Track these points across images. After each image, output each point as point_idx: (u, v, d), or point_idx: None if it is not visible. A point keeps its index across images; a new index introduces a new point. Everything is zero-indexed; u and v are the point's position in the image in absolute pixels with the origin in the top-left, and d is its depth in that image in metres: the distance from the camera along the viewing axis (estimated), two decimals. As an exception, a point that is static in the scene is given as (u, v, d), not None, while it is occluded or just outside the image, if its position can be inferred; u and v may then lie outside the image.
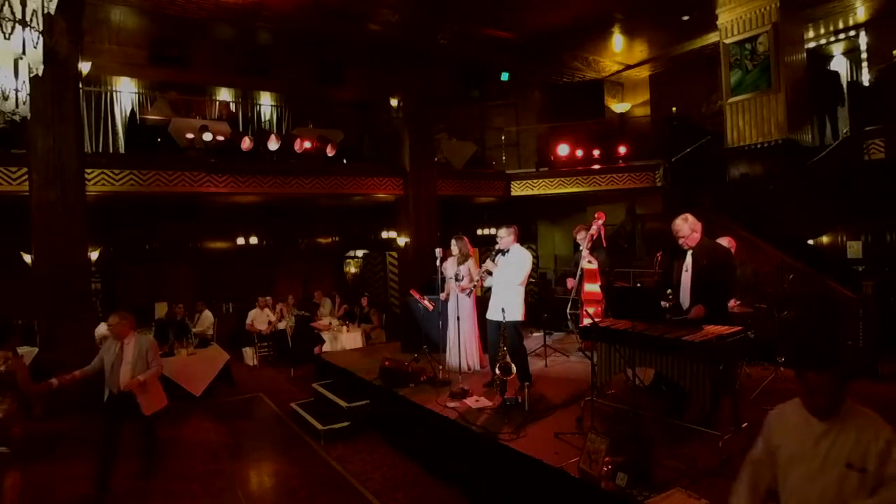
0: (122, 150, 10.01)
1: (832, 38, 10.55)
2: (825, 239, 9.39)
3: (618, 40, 11.29)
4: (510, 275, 5.17)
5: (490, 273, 5.34)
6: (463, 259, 6.11)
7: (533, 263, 14.30)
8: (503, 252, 5.25)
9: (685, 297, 4.22)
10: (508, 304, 5.03)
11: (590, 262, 6.35)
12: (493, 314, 5.17)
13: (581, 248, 6.56)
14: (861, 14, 9.78)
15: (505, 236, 5.24)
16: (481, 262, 5.71)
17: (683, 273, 4.26)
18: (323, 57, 11.01)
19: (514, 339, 5.11)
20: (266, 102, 12.41)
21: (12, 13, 3.02)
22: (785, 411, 2.33)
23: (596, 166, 11.70)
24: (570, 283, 6.61)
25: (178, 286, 10.80)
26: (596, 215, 6.61)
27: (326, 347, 9.02)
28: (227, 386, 7.96)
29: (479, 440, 4.23)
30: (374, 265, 13.31)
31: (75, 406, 6.55)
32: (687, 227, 4.17)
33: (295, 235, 12.15)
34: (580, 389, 4.95)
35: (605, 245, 6.64)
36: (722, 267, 4.10)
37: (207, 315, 9.50)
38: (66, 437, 6.05)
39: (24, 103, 3.41)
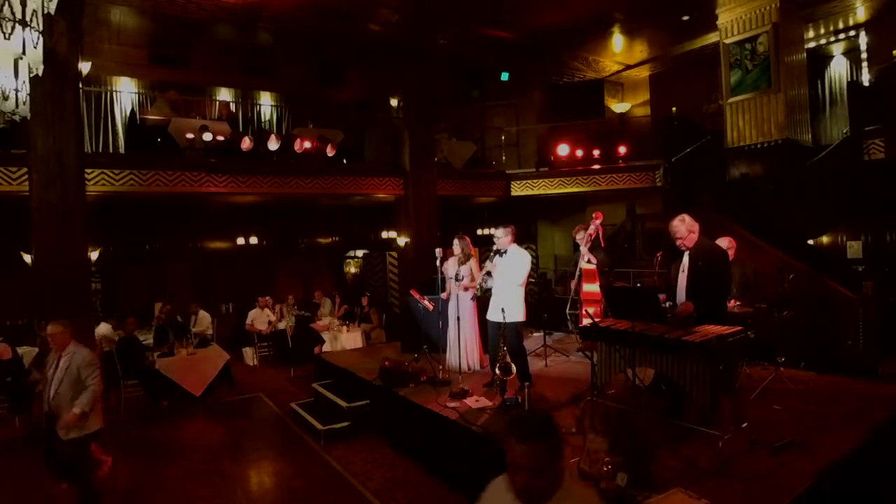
0: (122, 150, 10.01)
1: (832, 38, 10.56)
2: (825, 239, 9.40)
3: (618, 40, 11.29)
4: (510, 275, 5.16)
5: (489, 275, 5.33)
6: (465, 259, 6.11)
7: (533, 263, 14.33)
8: (500, 253, 5.23)
9: (681, 297, 4.22)
10: (508, 305, 5.02)
11: (589, 261, 6.35)
12: (493, 315, 5.17)
13: (581, 247, 6.56)
14: (861, 14, 9.78)
15: (502, 237, 5.22)
16: (481, 262, 5.71)
17: (680, 273, 4.26)
18: (323, 57, 11.01)
19: (514, 339, 5.10)
20: (266, 102, 12.41)
21: (12, 13, 3.01)
22: (500, 486, 1.74)
23: (596, 166, 11.70)
24: (573, 283, 6.61)
25: (178, 286, 10.80)
26: (594, 215, 6.61)
27: (326, 347, 9.02)
28: (227, 386, 7.96)
29: (479, 440, 4.23)
30: (374, 265, 13.30)
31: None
32: (684, 228, 4.17)
33: (295, 235, 12.14)
34: (580, 389, 4.95)
35: (603, 245, 6.63)
36: (716, 268, 4.10)
37: (204, 315, 9.46)
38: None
39: (24, 103, 3.41)
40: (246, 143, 9.57)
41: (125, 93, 10.61)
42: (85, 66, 8.22)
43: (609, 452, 3.24)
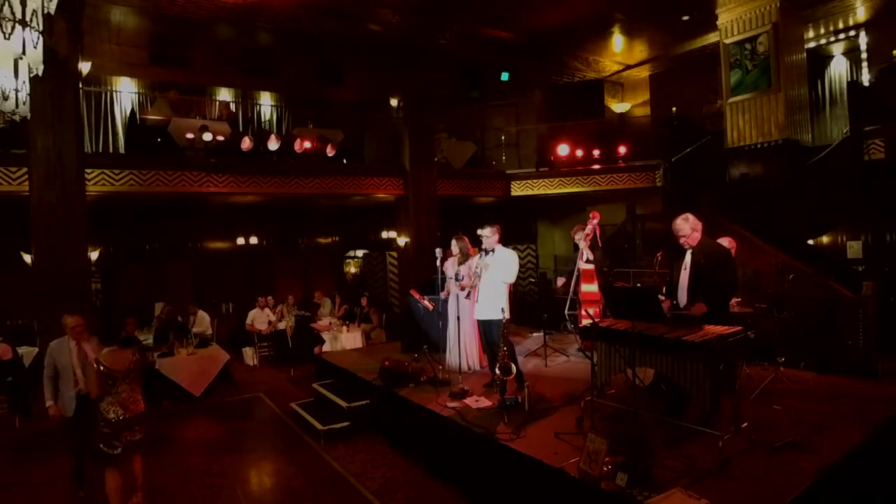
0: (122, 150, 10.02)
1: (832, 38, 10.56)
2: (825, 239, 9.40)
3: (618, 40, 11.30)
4: (503, 273, 5.16)
5: (478, 276, 5.32)
6: (464, 259, 6.11)
7: (532, 263, 14.29)
8: (487, 251, 5.25)
9: (683, 296, 4.22)
10: (506, 303, 5.04)
11: (587, 261, 6.34)
12: (490, 314, 5.13)
13: (580, 247, 6.55)
14: (861, 14, 9.78)
15: (490, 235, 5.22)
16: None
17: (682, 272, 4.26)
18: (323, 57, 11.02)
19: (507, 337, 5.10)
20: (266, 102, 12.42)
21: (12, 13, 3.02)
22: None
23: (596, 166, 11.71)
24: (560, 282, 6.63)
25: (178, 286, 10.80)
26: (591, 214, 6.60)
27: (326, 347, 9.02)
28: (227, 386, 7.96)
29: (479, 440, 4.23)
30: (374, 265, 13.31)
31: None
32: (688, 226, 4.18)
33: (295, 235, 12.15)
34: (580, 389, 4.95)
35: (600, 244, 6.63)
36: (721, 267, 4.10)
37: (203, 316, 9.38)
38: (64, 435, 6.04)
39: (24, 103, 3.42)
40: (246, 143, 9.58)
41: (125, 93, 10.61)
42: (85, 66, 8.23)
43: (609, 452, 3.24)
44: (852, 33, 10.26)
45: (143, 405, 4.16)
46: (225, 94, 11.91)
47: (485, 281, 5.23)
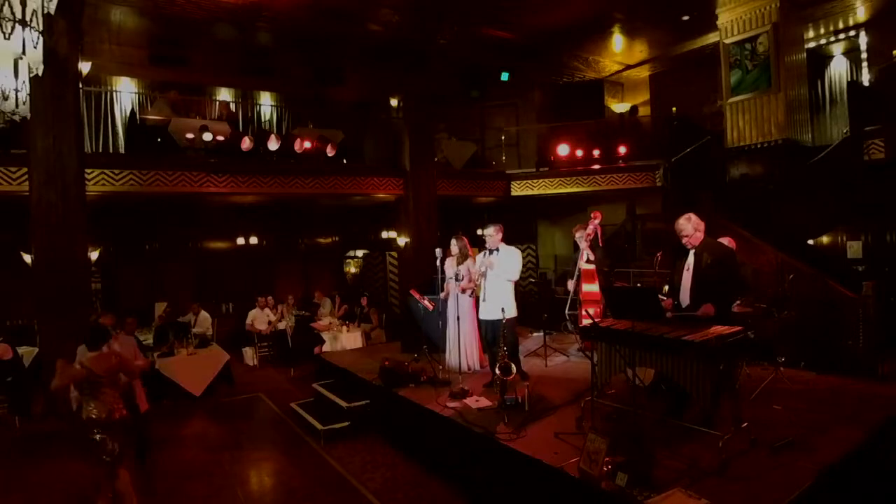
0: (122, 150, 10.02)
1: (832, 38, 10.55)
2: (825, 239, 9.39)
3: (618, 40, 11.29)
4: (507, 272, 5.17)
5: (483, 275, 5.33)
6: (462, 259, 6.11)
7: (532, 263, 14.28)
8: (491, 251, 5.26)
9: (685, 296, 4.21)
10: (507, 302, 5.04)
11: (588, 261, 6.34)
12: (491, 314, 5.15)
13: (580, 247, 6.55)
14: (861, 14, 9.78)
15: (493, 234, 5.27)
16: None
17: (685, 272, 4.24)
18: (323, 57, 11.01)
19: (512, 336, 5.11)
20: (266, 102, 12.42)
21: (12, 13, 3.02)
22: None
23: (596, 166, 11.70)
24: (571, 284, 6.62)
25: (178, 286, 10.80)
26: (592, 214, 6.60)
27: (326, 347, 9.02)
28: (227, 386, 7.96)
29: (479, 440, 4.23)
30: (374, 265, 13.31)
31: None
32: (690, 226, 4.17)
33: (295, 235, 12.15)
34: (580, 389, 4.95)
35: (601, 244, 6.63)
36: (726, 266, 4.09)
37: (205, 316, 9.42)
38: (64, 435, 6.05)
39: (24, 103, 3.41)
40: (246, 143, 9.58)
41: (125, 93, 10.61)
42: (85, 66, 8.23)
43: (609, 452, 3.24)
44: (852, 33, 10.25)
45: (126, 413, 3.96)
46: (225, 94, 11.92)
47: (490, 280, 5.25)
